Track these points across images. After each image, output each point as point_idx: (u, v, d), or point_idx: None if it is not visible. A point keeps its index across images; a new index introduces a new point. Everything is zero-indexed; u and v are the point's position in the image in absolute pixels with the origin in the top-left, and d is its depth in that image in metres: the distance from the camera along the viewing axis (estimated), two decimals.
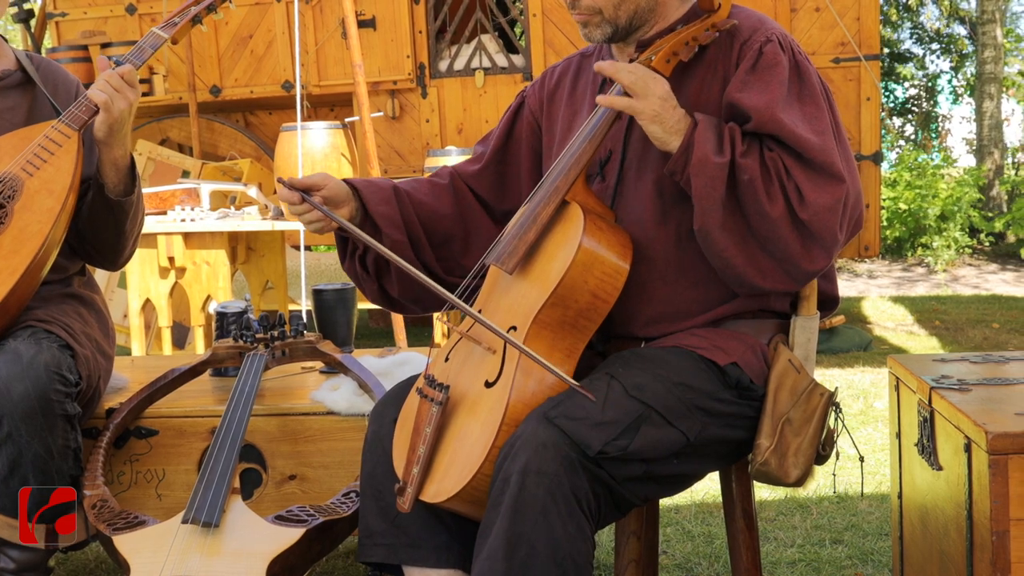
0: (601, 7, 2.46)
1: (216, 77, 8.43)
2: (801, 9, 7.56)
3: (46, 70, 3.12)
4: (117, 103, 2.83)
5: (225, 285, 6.26)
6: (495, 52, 8.03)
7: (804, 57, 2.43)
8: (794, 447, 2.37)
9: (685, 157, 2.28)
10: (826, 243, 2.29)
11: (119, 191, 2.96)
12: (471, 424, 2.27)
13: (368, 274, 2.70)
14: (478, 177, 2.76)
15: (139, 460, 3.03)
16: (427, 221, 2.67)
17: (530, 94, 2.79)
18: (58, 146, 2.87)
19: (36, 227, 2.80)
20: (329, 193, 2.57)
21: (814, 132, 2.31)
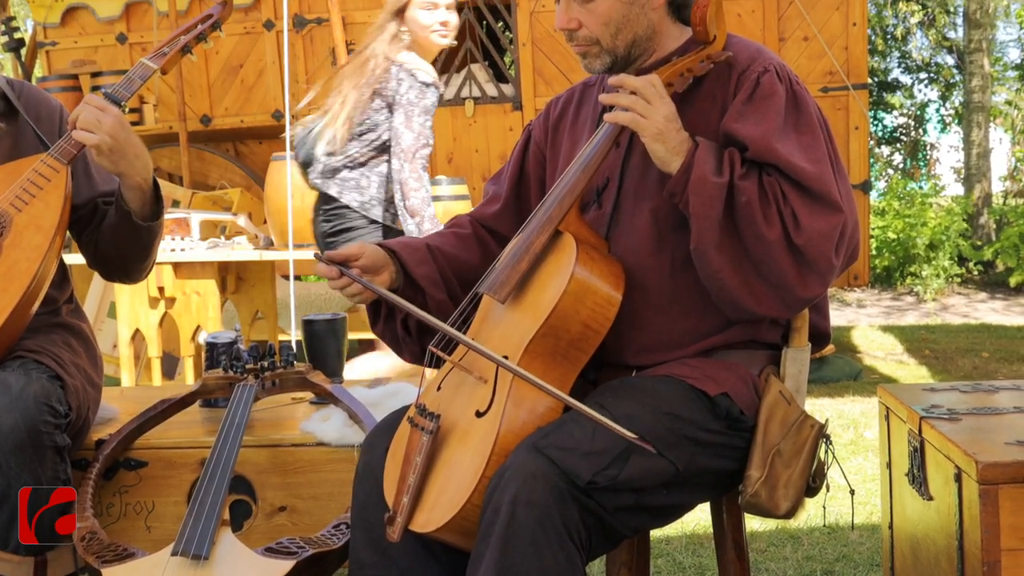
0: (599, 37, 2.47)
1: (206, 106, 8.44)
2: (789, 38, 7.61)
3: (28, 97, 3.09)
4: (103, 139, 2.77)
5: (215, 315, 6.25)
6: (485, 81, 8.06)
7: (801, 87, 2.44)
8: (784, 479, 2.37)
9: (685, 177, 2.29)
10: (821, 270, 2.29)
11: (145, 214, 2.93)
12: (461, 454, 2.26)
13: (411, 336, 2.68)
14: (499, 218, 2.76)
15: (128, 492, 3.01)
16: (460, 273, 2.66)
17: (536, 126, 2.80)
18: (47, 181, 2.85)
19: (25, 264, 2.78)
20: (367, 261, 2.55)
21: (810, 161, 2.32)
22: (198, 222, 6.54)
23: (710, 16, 2.37)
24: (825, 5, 7.59)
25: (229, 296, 6.68)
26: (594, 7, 2.44)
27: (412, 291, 2.61)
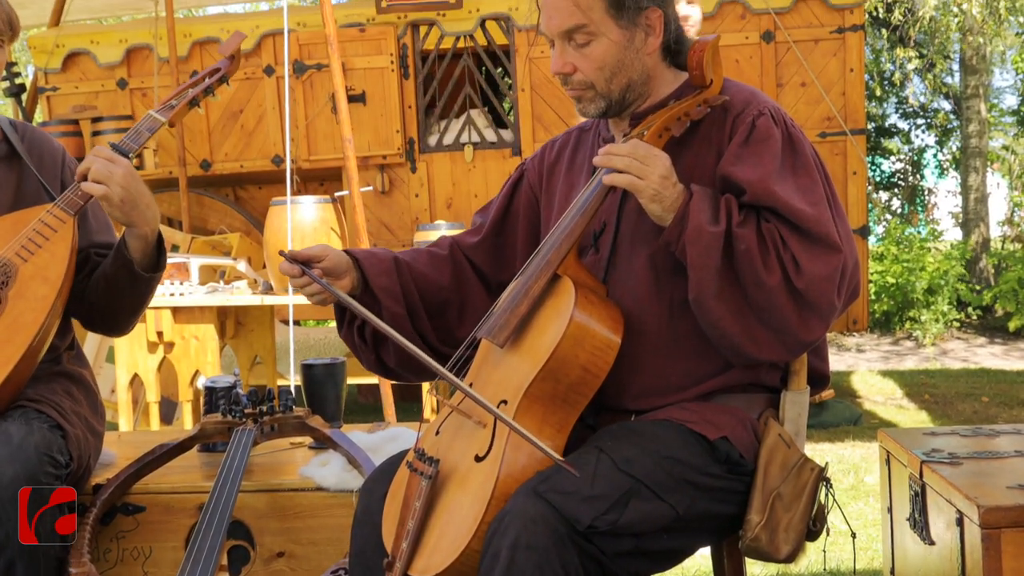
0: (593, 81, 2.48)
1: (206, 151, 8.47)
2: (787, 84, 7.65)
3: (31, 139, 3.09)
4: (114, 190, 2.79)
5: (214, 360, 6.23)
6: (484, 127, 8.09)
7: (797, 130, 2.45)
8: (785, 522, 2.36)
9: (680, 227, 2.29)
10: (823, 312, 2.29)
11: (145, 266, 2.94)
12: (461, 498, 2.26)
13: (366, 344, 2.72)
14: (476, 248, 2.77)
15: (126, 537, 3.00)
16: (425, 291, 2.68)
17: (530, 167, 2.81)
18: (53, 231, 2.85)
19: (30, 316, 2.77)
20: (329, 264, 2.58)
21: (809, 203, 2.32)
22: (197, 267, 6.54)
23: (706, 60, 2.38)
24: (822, 51, 7.64)
25: (228, 341, 6.67)
26: (589, 51, 2.45)
27: (370, 300, 2.63)
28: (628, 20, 2.45)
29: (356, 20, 8.11)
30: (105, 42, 8.65)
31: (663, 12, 2.49)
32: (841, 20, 7.64)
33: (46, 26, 9.07)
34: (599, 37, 2.44)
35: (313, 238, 5.91)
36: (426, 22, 8.00)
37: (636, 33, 2.47)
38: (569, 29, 2.45)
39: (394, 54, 7.98)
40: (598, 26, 2.44)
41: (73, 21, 9.24)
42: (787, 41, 7.56)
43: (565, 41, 2.47)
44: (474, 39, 8.04)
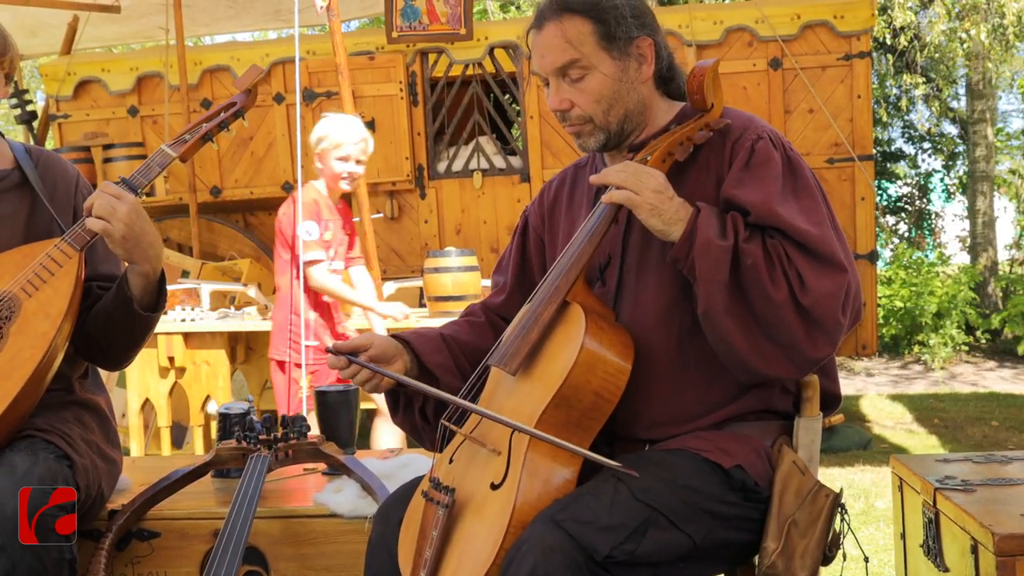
0: (591, 115, 2.50)
1: (216, 178, 8.51)
2: (795, 111, 7.68)
3: (45, 166, 3.09)
4: (116, 227, 2.77)
5: (224, 385, 6.26)
6: (493, 154, 8.12)
7: (795, 153, 2.47)
8: (800, 549, 2.36)
9: (689, 242, 2.30)
10: (829, 329, 2.30)
11: (145, 304, 2.93)
12: (477, 527, 2.26)
13: (429, 424, 2.72)
14: (506, 307, 2.80)
15: (141, 562, 3.00)
16: (475, 360, 2.68)
17: (532, 212, 2.84)
18: (59, 266, 2.84)
19: (29, 352, 2.76)
20: (376, 351, 2.61)
21: (812, 224, 2.33)
22: (208, 292, 6.58)
23: (707, 84, 2.40)
24: (830, 78, 7.67)
25: (238, 366, 6.69)
26: (584, 86, 2.48)
27: (428, 380, 2.64)
28: (620, 51, 2.48)
29: (365, 48, 8.17)
30: (116, 70, 8.71)
31: (653, 40, 2.52)
32: (848, 47, 7.67)
33: (57, 54, 9.13)
34: (593, 70, 2.47)
35: None
36: (435, 50, 8.04)
37: (629, 63, 2.49)
38: (563, 65, 2.48)
39: (403, 82, 8.02)
40: (591, 59, 2.47)
41: (84, 49, 9.31)
42: (794, 68, 7.59)
43: (560, 78, 2.50)
44: (483, 67, 8.08)
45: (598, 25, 2.46)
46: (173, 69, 8.27)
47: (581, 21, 2.47)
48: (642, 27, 2.50)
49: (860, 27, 7.67)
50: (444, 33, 7.71)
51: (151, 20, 8.97)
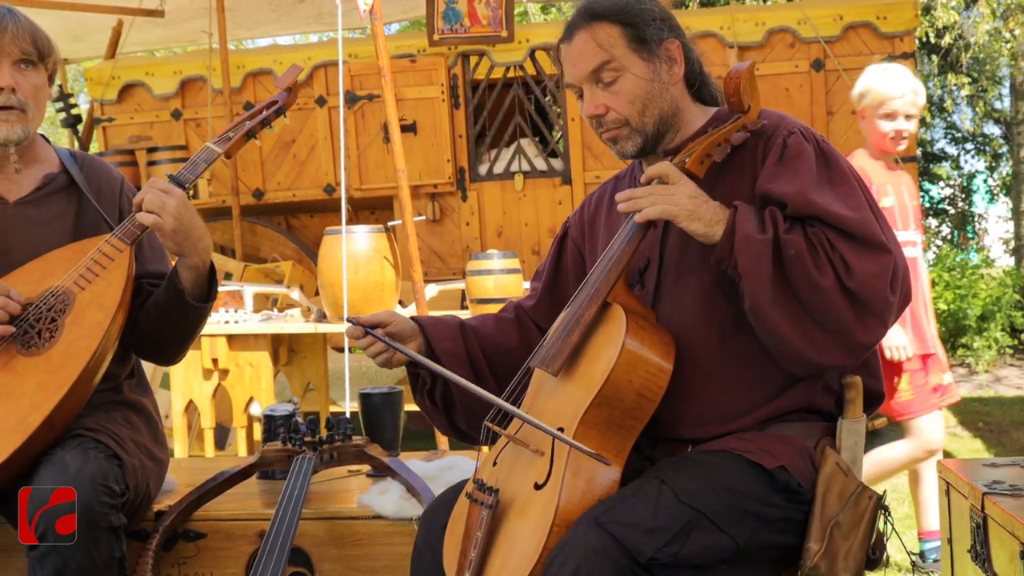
0: (627, 117, 2.52)
1: (259, 180, 8.55)
2: (837, 112, 7.63)
3: (89, 169, 3.15)
4: (167, 220, 2.84)
5: (268, 387, 6.29)
6: (534, 156, 8.12)
7: (828, 144, 2.48)
8: (844, 551, 2.36)
9: (730, 240, 2.31)
10: (878, 309, 2.29)
11: (196, 296, 2.99)
12: (521, 527, 2.27)
13: (437, 407, 2.78)
14: (536, 310, 2.83)
15: (187, 563, 3.03)
16: (492, 354, 2.74)
17: (573, 223, 2.87)
18: (110, 260, 2.91)
19: (85, 342, 2.82)
20: (395, 329, 2.68)
21: (850, 208, 2.34)
22: (251, 295, 6.61)
23: (743, 86, 2.40)
24: None
25: (281, 368, 6.73)
26: (618, 88, 2.51)
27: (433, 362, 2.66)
28: (650, 52, 2.51)
29: (407, 51, 8.19)
30: (160, 74, 8.77)
31: (681, 42, 2.55)
32: (891, 47, 7.61)
33: (102, 58, 9.21)
34: (625, 72, 2.50)
35: (366, 267, 5.96)
36: (476, 52, 8.05)
37: (659, 65, 2.52)
38: (595, 68, 2.50)
39: (445, 84, 8.03)
40: (623, 62, 2.50)
41: (128, 53, 9.39)
42: (837, 69, 7.54)
43: (593, 83, 2.53)
44: (524, 69, 8.08)
45: (627, 28, 2.50)
46: (216, 73, 8.32)
47: (610, 26, 2.51)
48: (670, 30, 2.54)
49: (903, 28, 7.61)
50: (485, 35, 7.71)
51: (194, 24, 9.03)
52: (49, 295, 2.88)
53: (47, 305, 2.86)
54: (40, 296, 2.88)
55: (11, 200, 3.03)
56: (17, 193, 3.04)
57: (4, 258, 2.98)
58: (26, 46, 2.95)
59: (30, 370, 2.79)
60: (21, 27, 2.96)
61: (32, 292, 2.89)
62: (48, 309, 2.86)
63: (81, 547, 2.63)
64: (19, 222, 3.02)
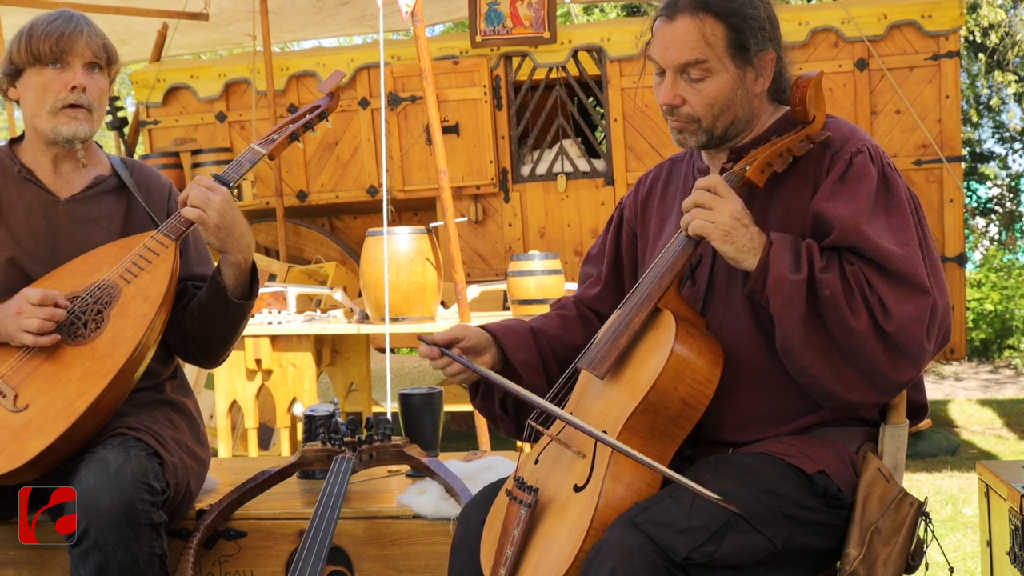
0: (700, 116, 2.48)
1: (303, 182, 8.61)
2: (882, 112, 7.59)
3: (139, 173, 3.21)
4: (210, 215, 2.90)
5: (310, 387, 6.33)
6: (577, 157, 8.12)
7: (893, 169, 2.44)
8: (883, 557, 2.35)
9: (762, 277, 2.31)
10: (913, 355, 2.28)
11: (238, 294, 3.03)
12: (559, 527, 2.28)
13: (508, 414, 2.76)
14: (600, 299, 2.81)
15: (228, 561, 3.06)
16: (563, 355, 2.71)
17: (627, 205, 2.84)
18: (155, 255, 2.96)
19: (130, 331, 2.87)
20: (469, 344, 2.66)
21: (898, 243, 2.31)
22: (294, 296, 6.65)
23: (810, 96, 2.39)
24: (917, 78, 7.57)
25: (324, 368, 6.76)
26: (702, 87, 2.46)
27: (510, 375, 2.66)
28: (744, 60, 2.47)
29: (450, 53, 8.21)
30: (204, 76, 8.85)
31: (776, 54, 2.51)
32: (936, 47, 7.56)
33: (147, 61, 9.30)
34: (715, 74, 2.46)
35: (409, 268, 5.99)
36: (519, 54, 8.07)
37: (749, 73, 2.48)
38: (687, 63, 2.46)
39: (487, 85, 8.05)
40: (716, 64, 2.45)
41: (173, 56, 9.49)
42: (881, 69, 7.50)
43: (678, 73, 2.48)
44: (566, 70, 8.09)
45: (732, 32, 2.44)
46: (260, 75, 8.38)
47: (716, 24, 2.45)
48: (771, 40, 2.49)
49: (948, 26, 7.56)
50: (528, 37, 7.73)
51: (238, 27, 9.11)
52: (95, 288, 2.93)
53: (93, 297, 2.91)
54: (87, 289, 2.93)
55: (62, 197, 3.09)
56: (69, 191, 3.10)
57: (53, 253, 3.04)
58: (98, 50, 3.03)
59: (76, 359, 2.84)
60: (94, 32, 3.04)
61: (79, 285, 2.94)
62: (94, 301, 2.91)
63: (123, 544, 2.66)
64: (69, 219, 3.08)
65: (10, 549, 3.07)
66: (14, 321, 2.84)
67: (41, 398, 2.80)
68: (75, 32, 2.99)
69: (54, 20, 3.01)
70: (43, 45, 2.97)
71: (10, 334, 2.85)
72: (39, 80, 3.00)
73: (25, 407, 2.79)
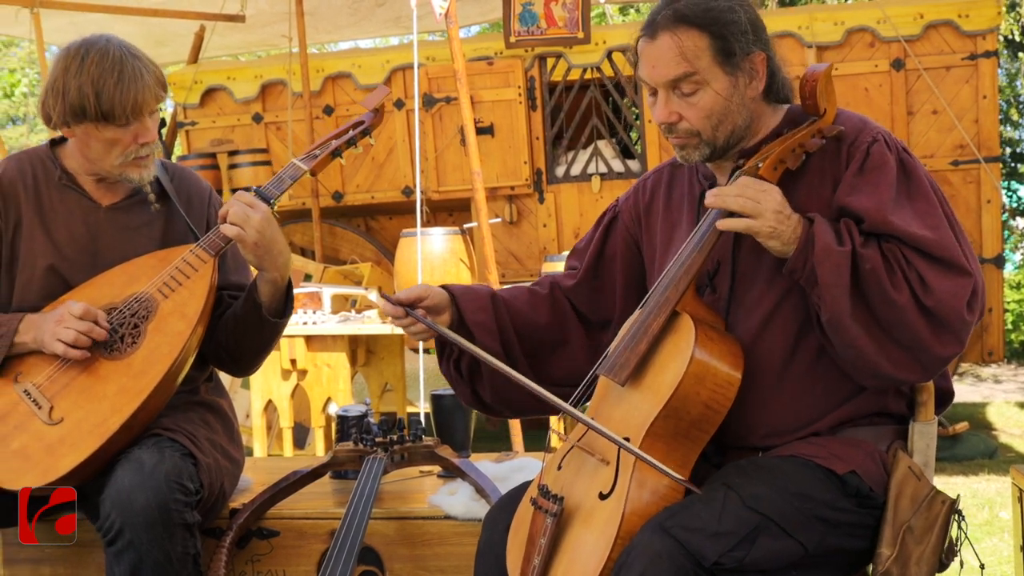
0: (699, 130, 2.45)
1: (338, 183, 8.64)
2: (918, 112, 7.54)
3: (180, 180, 3.21)
4: (249, 233, 2.89)
5: (345, 387, 6.35)
6: (611, 157, 8.12)
7: (909, 154, 2.43)
8: (916, 556, 2.33)
9: (806, 251, 2.28)
10: (955, 327, 2.27)
11: (272, 311, 3.04)
12: (586, 536, 2.27)
13: (462, 377, 2.78)
14: (574, 291, 2.80)
15: (260, 560, 3.08)
16: (521, 329, 2.72)
17: (624, 209, 2.81)
18: (194, 270, 2.96)
19: (166, 349, 2.88)
20: (431, 303, 2.66)
21: (929, 228, 2.31)
22: (329, 296, 6.67)
23: (820, 90, 2.37)
24: (954, 78, 7.52)
25: (359, 368, 6.78)
26: (695, 100, 2.43)
27: (465, 334, 2.66)
28: (734, 67, 2.44)
29: (484, 54, 8.23)
30: (241, 78, 8.90)
31: (767, 55, 2.48)
32: (973, 46, 7.51)
33: (185, 63, 9.36)
34: (705, 86, 2.42)
35: (442, 269, 6.00)
36: (553, 55, 8.07)
37: (740, 78, 2.45)
38: (675, 79, 2.43)
39: (522, 86, 8.06)
40: (705, 75, 2.42)
41: (211, 58, 9.54)
42: (917, 69, 7.46)
43: (670, 90, 2.45)
44: (601, 71, 8.08)
45: (716, 40, 2.41)
46: (296, 76, 8.42)
47: (699, 35, 2.41)
48: (757, 42, 2.46)
49: (986, 26, 7.50)
50: (562, 37, 7.73)
51: (275, 29, 9.15)
52: (133, 300, 2.94)
53: (131, 311, 2.92)
54: (124, 301, 2.94)
55: (104, 205, 3.09)
56: (110, 199, 3.10)
57: (93, 260, 3.05)
58: (159, 95, 3.01)
59: (112, 374, 2.86)
60: (152, 76, 2.97)
61: (117, 296, 2.95)
62: (132, 315, 2.92)
63: (157, 543, 2.68)
64: (109, 226, 3.09)
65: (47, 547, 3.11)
66: (52, 329, 2.86)
67: (76, 412, 2.82)
68: (144, 89, 2.92)
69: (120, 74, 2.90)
70: (117, 108, 2.89)
71: (45, 341, 2.86)
72: (109, 136, 2.95)
73: (60, 420, 2.81)
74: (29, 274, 3.03)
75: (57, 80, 2.94)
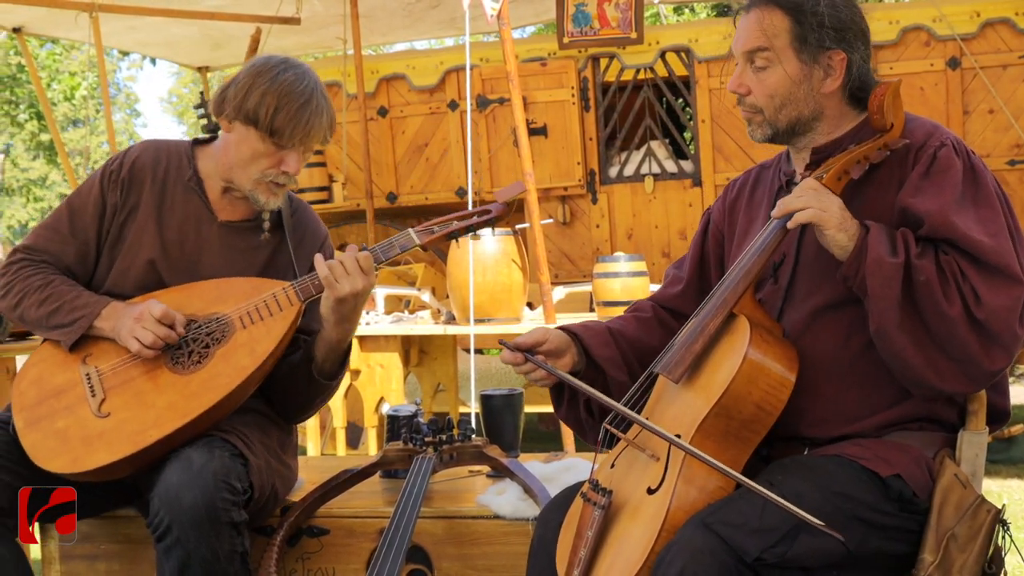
0: (762, 107, 2.55)
1: (392, 184, 8.68)
2: (974, 112, 7.47)
3: (300, 216, 3.22)
4: (342, 285, 2.90)
5: (398, 387, 6.38)
6: (664, 158, 8.11)
7: (979, 161, 2.44)
8: (959, 563, 2.32)
9: (859, 260, 2.31)
10: (1005, 342, 2.27)
11: (324, 370, 3.06)
12: (632, 529, 2.30)
13: (594, 418, 2.75)
14: (682, 297, 2.83)
15: (310, 558, 3.11)
16: (641, 356, 2.72)
17: (714, 210, 2.88)
18: (279, 309, 2.96)
19: (225, 380, 2.89)
20: (551, 346, 2.67)
21: (988, 235, 2.31)
22: (383, 297, 6.72)
23: (887, 104, 2.39)
24: (1011, 77, 7.43)
25: (412, 369, 6.82)
26: (764, 77, 2.53)
27: (594, 373, 2.69)
28: (809, 56, 2.50)
29: (537, 55, 8.24)
30: None
31: (848, 56, 2.51)
32: None
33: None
34: (776, 65, 2.52)
35: (495, 270, 6.01)
36: (606, 55, 8.07)
37: (815, 70, 2.51)
38: (751, 50, 2.54)
39: (575, 87, 8.06)
40: (778, 54, 2.51)
41: None
42: (974, 67, 7.38)
43: (747, 62, 2.56)
44: (654, 71, 8.08)
45: (795, 25, 2.51)
46: (351, 78, 8.47)
47: (781, 15, 2.52)
48: (840, 41, 2.51)
49: None
50: (615, 38, 7.73)
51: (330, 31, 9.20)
52: (214, 320, 2.96)
53: (208, 329, 2.95)
54: (207, 317, 2.97)
55: (220, 219, 3.12)
56: (228, 215, 3.13)
57: (192, 267, 3.08)
58: (327, 135, 3.04)
59: (168, 386, 2.89)
60: (330, 117, 3.02)
61: (202, 310, 2.98)
62: (207, 333, 2.95)
63: (204, 541, 2.71)
64: (218, 241, 3.11)
65: (103, 543, 3.17)
66: (131, 325, 2.90)
67: (123, 412, 2.86)
68: (318, 125, 2.97)
69: (305, 102, 2.95)
70: (287, 129, 2.94)
71: (122, 334, 2.91)
72: (259, 147, 2.99)
73: (107, 415, 2.86)
74: (129, 262, 3.07)
75: (245, 79, 3.00)
